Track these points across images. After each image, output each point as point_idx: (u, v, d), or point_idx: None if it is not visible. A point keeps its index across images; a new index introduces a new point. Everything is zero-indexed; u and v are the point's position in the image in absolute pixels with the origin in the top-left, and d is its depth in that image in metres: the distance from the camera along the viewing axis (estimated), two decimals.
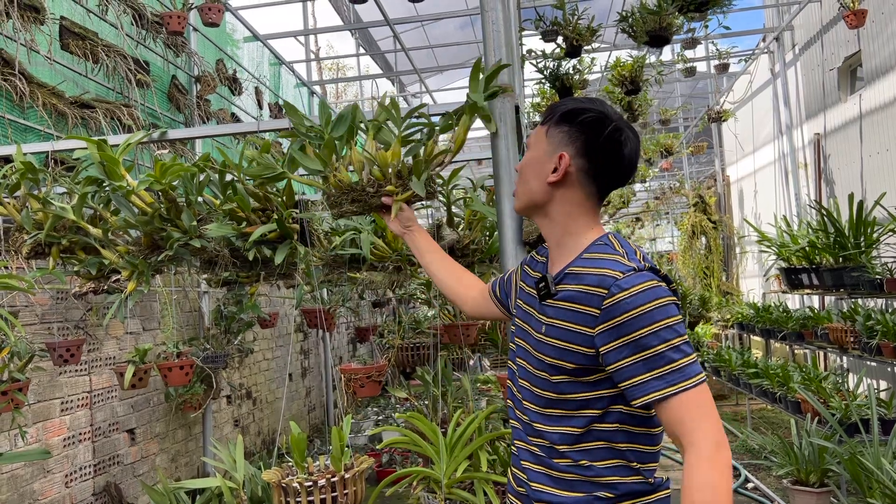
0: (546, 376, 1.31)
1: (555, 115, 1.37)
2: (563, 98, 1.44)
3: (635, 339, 1.18)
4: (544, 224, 1.41)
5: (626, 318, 1.19)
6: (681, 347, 1.18)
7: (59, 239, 1.91)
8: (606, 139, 1.32)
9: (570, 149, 1.34)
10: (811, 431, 4.08)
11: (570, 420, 1.30)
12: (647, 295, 1.19)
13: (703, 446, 1.13)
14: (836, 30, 7.10)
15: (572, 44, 5.81)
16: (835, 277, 5.15)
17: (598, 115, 1.34)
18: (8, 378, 2.67)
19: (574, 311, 1.27)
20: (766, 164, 9.59)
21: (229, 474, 2.23)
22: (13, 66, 3.40)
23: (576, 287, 1.29)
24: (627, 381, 1.20)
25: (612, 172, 1.35)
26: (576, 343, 1.26)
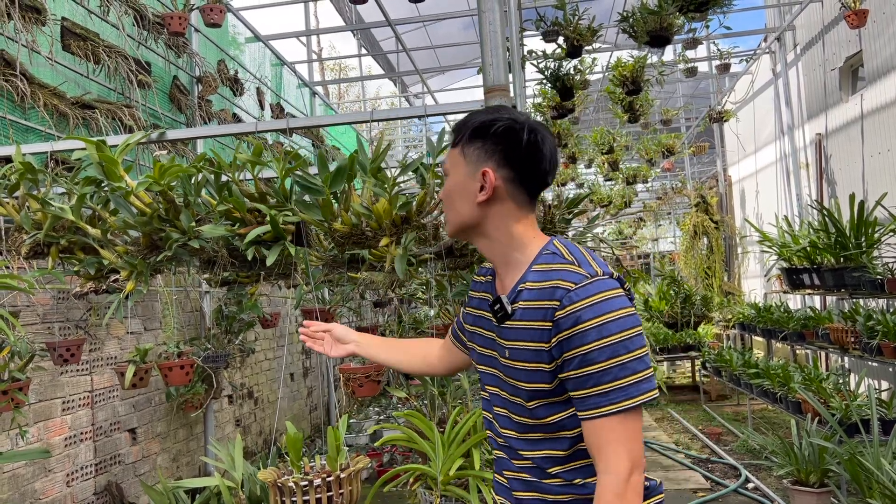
0: (521, 401, 1.28)
1: (465, 134, 1.34)
2: (472, 113, 1.45)
3: (584, 352, 1.16)
4: (484, 244, 1.36)
5: (576, 331, 1.17)
6: (628, 364, 1.16)
7: (58, 239, 1.91)
8: (525, 144, 1.29)
9: (490, 163, 1.30)
10: (811, 432, 4.08)
11: (553, 442, 1.27)
12: (601, 307, 1.17)
13: (620, 474, 1.13)
14: (837, 30, 7.09)
15: (573, 44, 5.81)
16: (836, 278, 5.15)
17: (509, 121, 1.31)
18: (8, 378, 2.68)
19: (531, 328, 1.24)
20: (768, 164, 9.58)
21: (229, 474, 2.24)
22: (14, 67, 3.41)
23: (529, 304, 1.25)
24: (576, 393, 1.19)
25: (537, 175, 1.32)
26: (540, 362, 1.23)
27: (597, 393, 1.16)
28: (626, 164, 10.89)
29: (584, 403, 1.17)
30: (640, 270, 9.50)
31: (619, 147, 9.76)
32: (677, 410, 7.65)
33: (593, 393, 1.16)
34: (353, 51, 12.72)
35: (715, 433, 6.26)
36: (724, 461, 5.43)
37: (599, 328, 1.15)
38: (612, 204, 11.47)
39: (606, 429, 1.15)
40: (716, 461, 5.50)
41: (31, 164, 1.85)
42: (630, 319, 1.18)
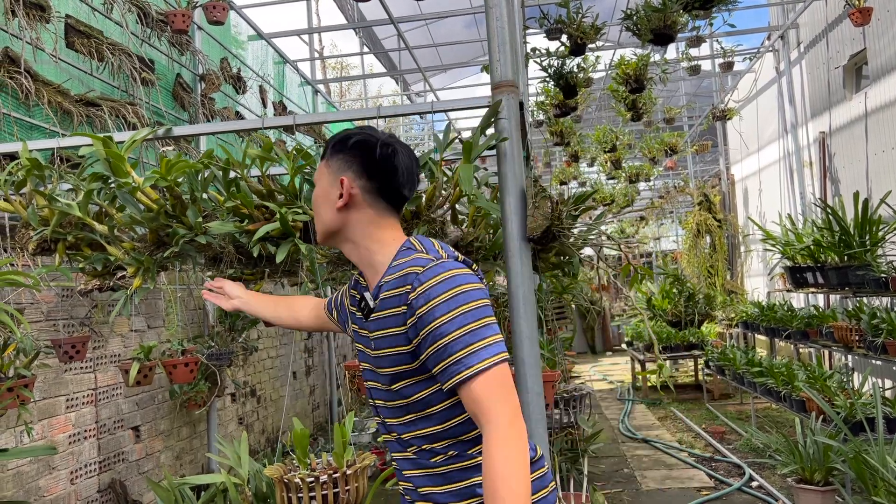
0: (386, 386, 1.38)
1: (329, 147, 1.47)
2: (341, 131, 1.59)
3: (436, 326, 1.24)
4: (350, 249, 1.46)
5: (427, 308, 1.25)
6: (476, 330, 1.24)
7: (65, 235, 1.91)
8: (378, 157, 1.41)
9: (349, 172, 1.42)
10: (816, 430, 4.07)
11: (426, 421, 1.35)
12: (447, 283, 1.26)
13: (500, 422, 1.18)
14: (841, 28, 7.08)
15: (577, 42, 5.80)
16: (840, 276, 5.14)
17: (365, 136, 1.44)
18: (14, 374, 2.68)
19: (390, 316, 1.33)
20: (771, 162, 9.56)
21: (234, 470, 2.23)
22: (19, 64, 3.41)
23: (389, 293, 1.34)
24: (435, 368, 1.26)
25: (391, 184, 1.42)
26: (398, 345, 1.32)
27: (453, 361, 1.23)
28: (628, 162, 10.87)
29: (446, 374, 1.24)
30: (647, 268, 9.49)
31: (622, 145, 9.75)
32: (680, 409, 7.64)
33: (451, 362, 1.23)
34: (354, 50, 12.72)
35: (718, 432, 6.25)
36: (728, 460, 5.42)
37: (448, 302, 1.24)
38: (615, 202, 11.46)
39: (474, 391, 1.21)
40: (719, 460, 5.49)
41: (37, 160, 1.85)
42: (476, 292, 1.28)
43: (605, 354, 13.63)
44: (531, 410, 1.84)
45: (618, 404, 8.26)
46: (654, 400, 8.31)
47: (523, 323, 1.86)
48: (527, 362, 1.85)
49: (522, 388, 1.84)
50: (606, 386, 9.71)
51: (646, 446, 6.15)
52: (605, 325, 14.02)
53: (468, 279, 1.29)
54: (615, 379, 10.20)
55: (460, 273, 1.29)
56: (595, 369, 11.37)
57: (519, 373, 1.86)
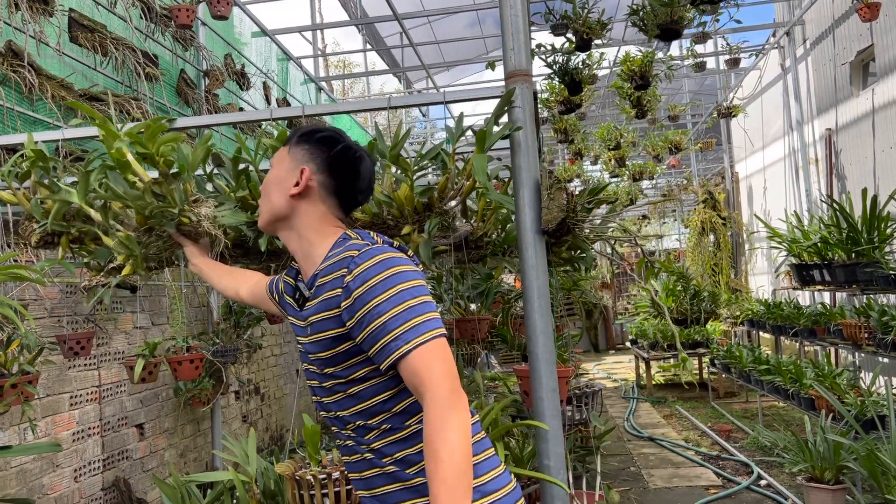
0: (320, 369, 1.41)
1: (294, 136, 1.48)
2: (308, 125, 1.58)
3: (373, 307, 1.25)
4: (291, 237, 1.47)
5: (363, 289, 1.26)
6: (414, 307, 1.24)
7: (69, 228, 1.88)
8: (343, 155, 1.44)
9: (311, 164, 1.44)
10: (826, 428, 4.03)
11: (358, 399, 1.36)
12: (382, 265, 1.27)
13: (439, 391, 1.18)
14: (848, 24, 7.03)
15: (582, 37, 5.75)
16: (847, 273, 5.09)
17: (333, 133, 1.48)
18: (18, 371, 2.65)
19: (323, 300, 1.34)
20: (776, 160, 9.51)
21: (241, 468, 2.20)
22: (22, 58, 3.38)
23: (324, 279, 1.36)
24: (373, 349, 1.26)
25: (350, 187, 1.45)
26: (331, 329, 1.33)
27: (392, 338, 1.23)
28: (632, 160, 10.82)
29: (384, 351, 1.24)
30: (664, 262, 9.42)
31: (626, 143, 9.70)
32: (685, 407, 7.61)
33: (389, 339, 1.23)
34: (357, 48, 12.66)
35: (725, 430, 6.21)
36: (736, 458, 5.38)
37: (384, 282, 1.26)
38: (619, 201, 11.41)
39: (414, 364, 1.21)
40: (727, 458, 5.45)
41: (42, 151, 1.81)
42: (411, 273, 1.29)
43: (608, 353, 13.59)
44: (545, 407, 1.81)
45: (622, 402, 8.22)
46: (658, 398, 8.27)
47: (538, 317, 1.82)
48: (541, 357, 1.82)
49: (537, 384, 1.81)
50: (610, 384, 9.67)
51: (652, 444, 6.11)
52: (608, 324, 13.98)
53: (403, 261, 1.30)
54: (619, 377, 10.16)
55: (395, 256, 1.30)
56: (598, 367, 11.34)
57: (533, 368, 1.82)
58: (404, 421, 1.35)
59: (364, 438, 1.37)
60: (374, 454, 1.36)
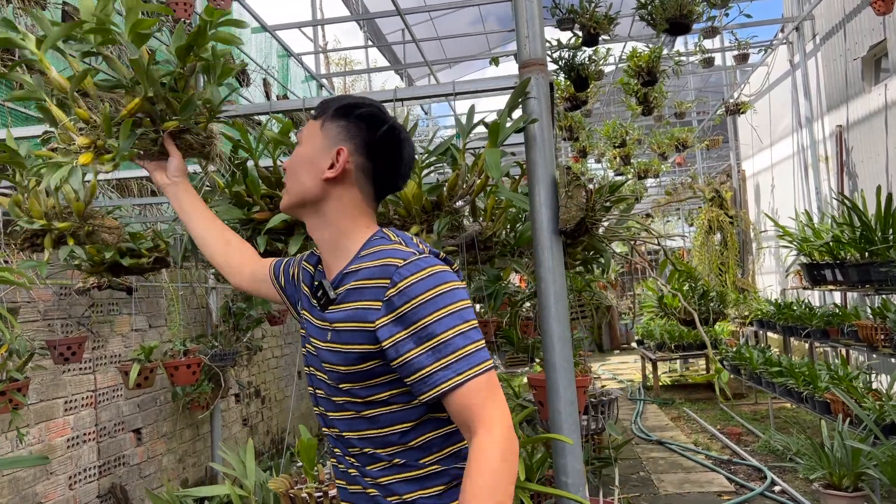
0: (335, 383, 1.23)
1: (329, 109, 1.30)
2: (341, 96, 1.41)
3: (419, 328, 1.11)
4: (317, 224, 1.30)
5: (409, 307, 1.11)
6: (468, 334, 1.11)
7: (49, 226, 1.76)
8: (388, 137, 1.28)
9: (349, 144, 1.26)
10: (844, 433, 3.91)
11: (373, 423, 1.21)
12: (431, 280, 1.13)
13: (496, 430, 1.05)
14: (859, 18, 6.89)
15: (589, 32, 5.63)
16: (861, 273, 4.96)
17: (375, 109, 1.30)
18: (6, 378, 2.54)
19: (356, 310, 1.18)
20: (785, 157, 9.38)
21: (239, 480, 2.08)
22: (13, 52, 3.26)
23: (355, 284, 1.20)
24: (414, 376, 1.10)
25: (392, 173, 1.30)
26: (361, 343, 1.17)
27: (441, 367, 1.09)
28: (636, 158, 10.70)
29: (429, 381, 1.10)
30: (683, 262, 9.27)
31: (632, 141, 9.57)
32: (693, 409, 7.48)
33: (437, 368, 1.09)
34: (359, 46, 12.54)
35: (735, 433, 6.09)
36: (747, 463, 5.25)
37: (434, 300, 1.11)
38: (635, 199, 11.29)
39: (468, 396, 1.09)
40: (738, 462, 5.33)
41: (13, 148, 1.70)
42: (460, 292, 1.15)
43: (612, 353, 13.46)
44: (563, 420, 1.69)
45: (628, 404, 8.10)
46: (665, 399, 8.14)
47: (554, 323, 1.70)
48: (558, 367, 1.70)
49: (554, 395, 1.69)
50: (616, 385, 9.55)
51: (661, 448, 5.99)
52: (613, 324, 13.85)
53: (451, 277, 1.16)
54: (625, 378, 10.04)
55: (445, 270, 1.16)
56: (603, 368, 11.21)
57: (550, 379, 1.70)
58: (420, 458, 1.19)
59: (369, 470, 1.21)
60: (378, 490, 1.20)
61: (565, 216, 1.67)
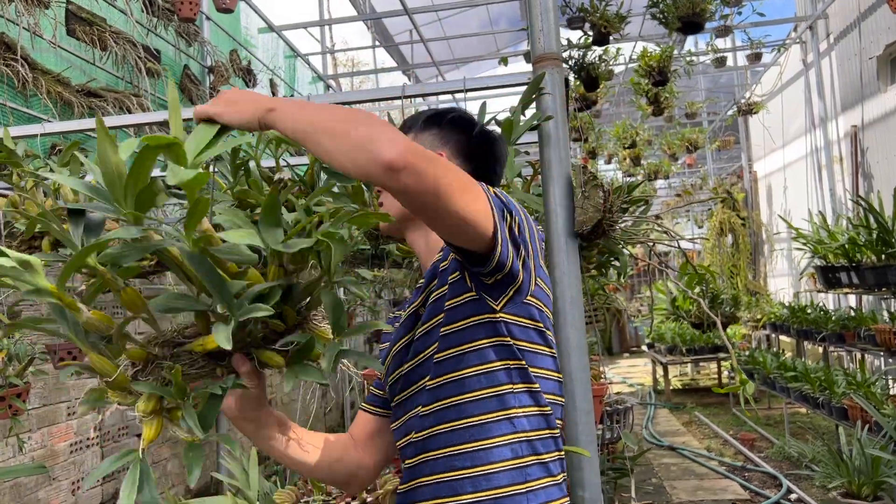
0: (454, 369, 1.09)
1: (418, 122, 1.28)
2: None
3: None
4: (419, 237, 1.25)
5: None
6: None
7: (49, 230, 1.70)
8: (480, 139, 1.27)
9: (445, 149, 1.24)
10: (863, 441, 3.80)
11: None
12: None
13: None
14: (875, 17, 6.78)
15: (600, 31, 5.54)
16: (878, 276, 4.86)
17: (464, 113, 1.30)
18: (5, 384, 2.48)
19: (449, 275, 1.12)
20: (797, 158, 9.25)
21: (242, 492, 2.01)
22: (15, 52, 3.21)
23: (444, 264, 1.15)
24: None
25: (488, 172, 1.27)
26: (464, 293, 1.09)
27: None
28: (646, 159, 10.60)
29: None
30: (708, 266, 9.16)
31: (642, 141, 9.47)
32: (705, 414, 7.37)
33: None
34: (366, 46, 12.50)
35: (748, 439, 5.98)
36: (762, 469, 5.15)
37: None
38: (651, 201, 11.20)
39: None
40: (752, 469, 5.22)
41: (10, 148, 1.63)
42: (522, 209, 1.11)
43: (622, 356, 13.35)
44: (580, 432, 1.61)
45: (639, 409, 7.99)
46: (677, 404, 8.04)
47: (571, 331, 1.62)
48: (575, 376, 1.61)
49: (570, 406, 1.60)
50: (626, 389, 9.44)
51: (673, 454, 5.89)
52: (622, 326, 13.73)
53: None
54: (635, 382, 9.93)
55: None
56: (614, 372, 11.10)
57: (567, 389, 1.62)
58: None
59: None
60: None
61: (582, 217, 1.59)
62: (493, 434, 1.06)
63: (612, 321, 13.65)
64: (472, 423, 1.06)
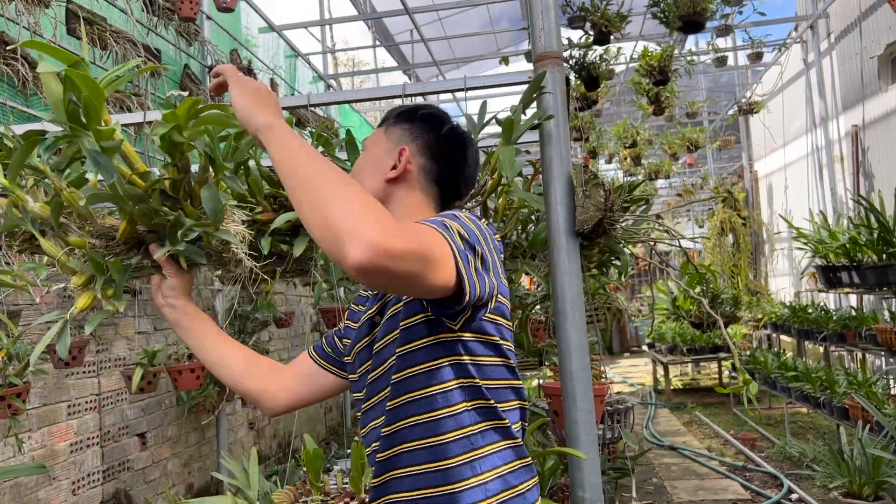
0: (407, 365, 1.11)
1: (392, 115, 1.31)
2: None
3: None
4: None
5: None
6: (467, 229, 1.04)
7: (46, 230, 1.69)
8: (450, 137, 1.26)
9: (411, 146, 1.25)
10: (864, 440, 3.80)
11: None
12: (444, 214, 1.06)
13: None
14: (876, 16, 6.77)
15: (601, 30, 5.54)
16: (879, 276, 4.85)
17: (437, 111, 1.31)
18: (5, 383, 2.48)
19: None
20: (798, 158, 9.24)
21: (242, 492, 2.01)
22: (15, 50, 3.21)
23: None
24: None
25: (456, 174, 1.27)
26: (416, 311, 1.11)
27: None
28: (647, 159, 10.59)
29: None
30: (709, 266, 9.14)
31: (643, 141, 9.46)
32: (705, 413, 7.36)
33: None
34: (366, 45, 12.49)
35: (749, 439, 5.97)
36: (763, 469, 5.14)
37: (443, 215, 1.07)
38: (652, 200, 11.18)
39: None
40: (753, 469, 5.21)
41: (8, 146, 1.62)
42: (479, 226, 1.09)
43: (622, 355, 13.34)
44: (580, 431, 1.60)
45: (640, 408, 7.98)
46: (677, 404, 8.03)
47: (571, 330, 1.62)
48: (575, 376, 1.61)
49: (570, 405, 1.60)
50: (627, 389, 9.44)
51: (673, 454, 5.88)
52: (623, 326, 13.72)
53: (472, 218, 1.09)
54: (635, 381, 9.92)
55: (465, 215, 1.09)
56: (614, 371, 11.09)
57: (566, 388, 1.62)
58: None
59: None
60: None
61: (583, 216, 1.58)
62: (452, 454, 1.07)
63: (613, 321, 13.64)
64: (432, 443, 1.08)
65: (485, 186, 1.67)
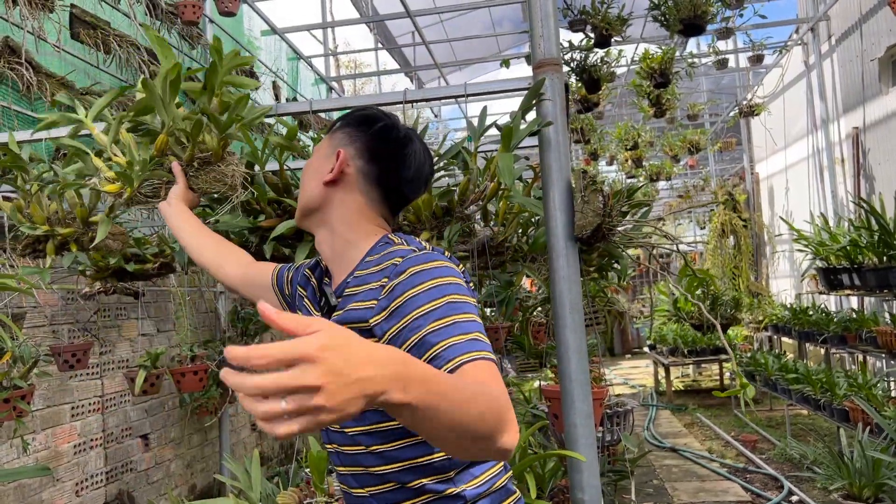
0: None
1: (337, 122, 1.31)
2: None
3: (415, 317, 1.02)
4: (323, 234, 1.26)
5: (409, 295, 1.04)
6: (469, 323, 1.01)
7: (52, 232, 1.72)
8: (383, 135, 1.24)
9: (349, 148, 1.24)
10: (864, 442, 3.81)
11: (412, 449, 1.14)
12: (433, 272, 1.05)
13: (503, 402, 0.90)
14: (877, 18, 6.78)
15: (601, 33, 5.56)
16: (879, 278, 4.86)
17: (378, 114, 1.28)
18: (10, 385, 2.50)
19: (357, 309, 1.11)
20: (799, 160, 9.25)
21: (245, 494, 2.03)
22: (20, 55, 3.24)
23: (357, 289, 1.14)
24: (427, 354, 0.99)
25: (394, 175, 1.24)
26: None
27: (446, 346, 0.98)
28: (648, 161, 10.60)
29: (437, 360, 0.98)
30: (707, 271, 9.15)
31: (644, 143, 9.48)
32: (706, 415, 7.37)
33: (440, 350, 0.98)
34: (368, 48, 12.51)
35: (750, 440, 5.98)
36: (764, 471, 5.15)
37: (431, 291, 1.03)
38: (651, 205, 11.18)
39: (481, 371, 0.96)
40: (754, 471, 5.22)
41: (15, 152, 1.65)
42: (465, 289, 1.07)
43: (623, 357, 13.35)
44: (579, 434, 1.62)
45: (641, 410, 7.99)
46: (678, 405, 8.04)
47: (570, 334, 1.63)
48: (574, 379, 1.63)
49: (569, 408, 1.62)
50: (628, 390, 9.45)
51: (674, 455, 5.89)
52: (624, 327, 13.73)
53: (455, 273, 1.08)
54: (636, 383, 9.93)
55: (447, 265, 1.08)
56: (615, 373, 11.10)
57: (565, 391, 1.64)
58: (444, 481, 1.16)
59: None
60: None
61: (581, 222, 1.60)
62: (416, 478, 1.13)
63: (614, 322, 13.63)
64: (396, 468, 1.13)
65: (485, 191, 1.69)
